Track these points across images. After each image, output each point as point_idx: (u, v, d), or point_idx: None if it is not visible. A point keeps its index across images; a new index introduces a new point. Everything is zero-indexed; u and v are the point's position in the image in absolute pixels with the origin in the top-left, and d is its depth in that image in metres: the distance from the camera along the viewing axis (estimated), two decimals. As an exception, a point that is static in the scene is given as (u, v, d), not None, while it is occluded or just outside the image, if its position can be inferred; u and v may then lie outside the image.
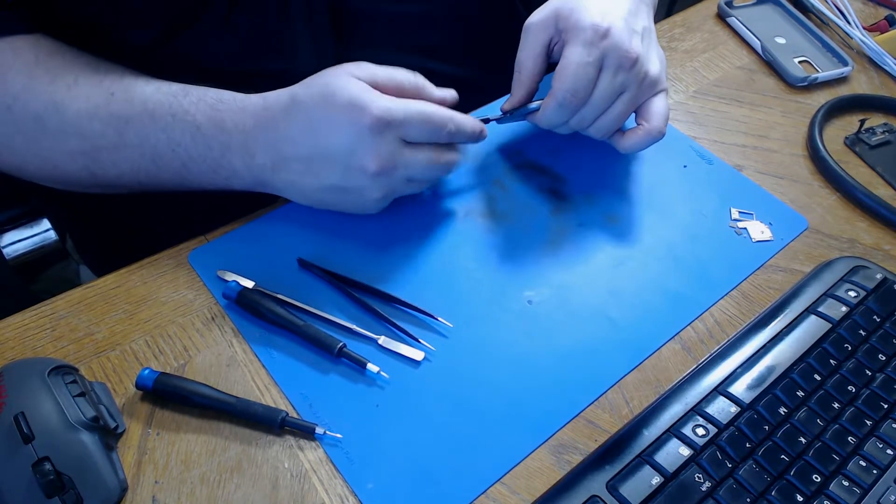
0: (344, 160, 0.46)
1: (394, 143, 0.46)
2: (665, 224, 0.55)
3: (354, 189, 0.47)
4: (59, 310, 0.47)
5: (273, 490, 0.40)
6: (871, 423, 0.43)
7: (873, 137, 0.62)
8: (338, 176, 0.46)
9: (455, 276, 0.50)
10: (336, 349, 0.44)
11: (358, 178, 0.46)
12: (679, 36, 0.72)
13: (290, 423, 0.42)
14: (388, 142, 0.45)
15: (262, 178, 0.48)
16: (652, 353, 0.47)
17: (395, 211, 0.53)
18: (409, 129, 0.46)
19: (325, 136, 0.45)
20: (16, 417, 0.37)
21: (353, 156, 0.45)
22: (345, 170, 0.46)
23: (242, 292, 0.46)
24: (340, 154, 0.45)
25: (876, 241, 0.55)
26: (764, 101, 0.66)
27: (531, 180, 0.57)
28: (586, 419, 0.44)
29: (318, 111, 0.45)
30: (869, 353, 0.47)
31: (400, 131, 0.46)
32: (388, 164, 0.46)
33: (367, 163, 0.45)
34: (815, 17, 0.76)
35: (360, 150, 0.45)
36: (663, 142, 0.53)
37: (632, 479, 0.40)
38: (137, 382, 0.42)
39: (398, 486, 0.40)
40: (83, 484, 0.37)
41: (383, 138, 0.45)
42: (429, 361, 0.46)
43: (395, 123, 0.45)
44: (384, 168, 0.46)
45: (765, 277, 0.52)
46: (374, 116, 0.44)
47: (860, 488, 0.40)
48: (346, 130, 0.45)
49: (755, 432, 0.42)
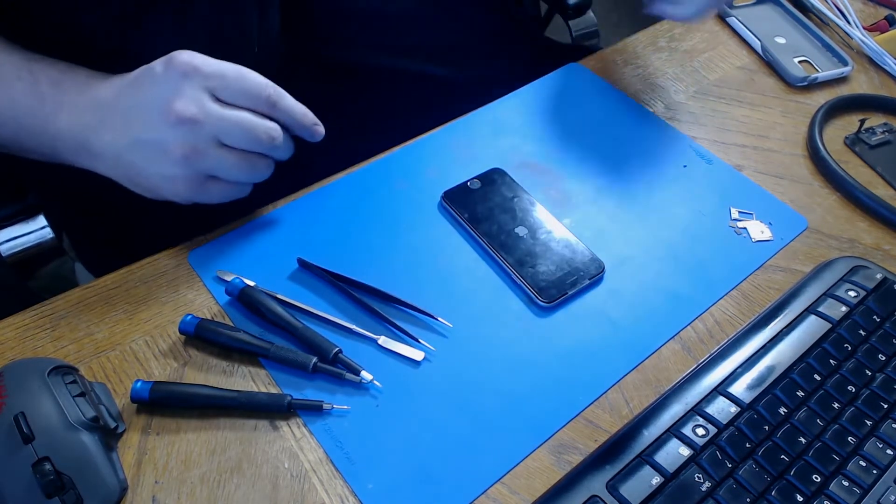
0: (151, 105, 0.44)
1: (200, 90, 0.44)
2: (665, 224, 0.55)
3: (155, 142, 0.44)
4: (58, 310, 0.47)
5: (273, 490, 0.40)
6: (871, 423, 0.43)
7: (873, 137, 0.62)
8: (142, 125, 0.44)
9: (455, 276, 0.50)
10: (332, 354, 0.44)
11: (160, 124, 0.44)
12: (679, 36, 0.72)
13: (296, 405, 0.42)
14: (195, 87, 0.44)
15: (82, 138, 0.46)
16: (652, 353, 0.47)
17: (395, 211, 0.54)
18: (220, 82, 0.44)
19: (145, 88, 0.45)
20: (16, 417, 0.37)
21: (158, 99, 0.44)
22: (150, 115, 0.44)
23: (244, 290, 0.46)
24: (150, 100, 0.44)
25: (876, 241, 0.55)
26: (764, 101, 0.66)
27: (531, 180, 0.57)
28: (586, 419, 0.44)
29: (147, 70, 0.45)
30: (869, 353, 0.47)
31: (209, 82, 0.44)
32: (192, 110, 0.43)
33: (170, 105, 0.43)
34: (815, 17, 0.76)
35: (166, 93, 0.44)
36: (663, 142, 0.53)
37: (632, 479, 0.40)
38: (132, 396, 0.41)
39: (398, 486, 0.40)
40: (83, 484, 0.37)
41: (190, 82, 0.44)
42: (429, 361, 0.46)
43: (204, 70, 0.44)
44: (186, 114, 0.43)
45: (765, 277, 0.52)
46: (183, 60, 0.44)
47: (860, 488, 0.40)
48: (161, 78, 0.44)
49: (755, 432, 0.42)
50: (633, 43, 0.71)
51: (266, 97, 0.45)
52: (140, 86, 0.45)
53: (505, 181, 0.56)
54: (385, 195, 0.55)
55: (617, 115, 0.63)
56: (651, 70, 0.68)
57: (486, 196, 0.55)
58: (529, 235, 0.52)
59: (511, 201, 0.54)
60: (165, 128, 0.44)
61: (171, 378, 0.44)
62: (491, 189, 0.55)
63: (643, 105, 0.64)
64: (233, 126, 0.44)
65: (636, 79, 0.67)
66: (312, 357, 0.44)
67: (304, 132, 0.48)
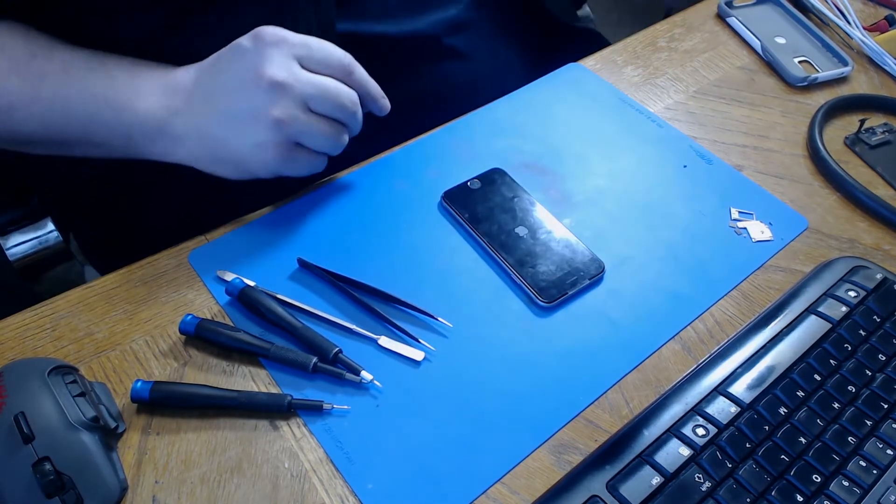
0: (240, 76, 0.45)
1: (289, 58, 0.45)
2: (665, 224, 0.55)
3: (247, 111, 0.45)
4: (59, 310, 0.47)
5: (273, 490, 0.40)
6: (871, 423, 0.43)
7: (873, 137, 0.62)
8: (233, 96, 0.46)
9: (455, 276, 0.50)
10: (332, 354, 0.44)
11: (251, 91, 0.45)
12: (679, 36, 0.72)
13: (297, 405, 0.42)
14: (283, 55, 0.45)
15: (163, 122, 0.47)
16: (652, 353, 0.47)
17: (395, 211, 0.54)
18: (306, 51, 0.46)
19: (232, 62, 0.46)
20: (16, 417, 0.37)
21: (247, 68, 0.45)
22: (240, 85, 0.45)
23: (244, 290, 0.46)
24: (238, 71, 0.46)
25: (876, 241, 0.55)
26: (764, 101, 0.66)
27: (531, 180, 0.57)
28: (586, 419, 0.44)
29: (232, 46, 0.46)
30: (869, 353, 0.47)
31: (296, 50, 0.46)
32: (283, 75, 0.45)
33: (261, 71, 0.44)
34: (815, 17, 0.76)
35: (256, 61, 0.45)
36: (663, 142, 0.53)
37: (632, 479, 0.40)
38: (132, 396, 0.41)
39: (398, 486, 0.40)
40: (83, 484, 0.37)
41: (278, 50, 0.45)
42: (429, 361, 0.46)
43: (291, 40, 0.45)
44: (278, 78, 0.44)
45: (765, 277, 0.52)
46: (271, 32, 0.45)
47: (860, 488, 0.40)
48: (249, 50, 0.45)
49: (755, 432, 0.42)
50: (633, 43, 0.71)
51: (346, 65, 0.47)
52: (225, 62, 0.46)
53: (505, 181, 0.56)
54: (385, 195, 0.55)
55: (617, 115, 0.63)
56: (651, 70, 0.68)
57: (486, 196, 0.55)
58: (529, 235, 0.52)
59: (511, 201, 0.54)
60: (257, 94, 0.45)
61: (171, 378, 0.44)
62: (491, 189, 0.55)
63: (643, 105, 0.64)
64: (321, 91, 0.46)
65: (636, 79, 0.67)
66: (312, 357, 0.44)
67: (373, 105, 0.50)
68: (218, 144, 0.47)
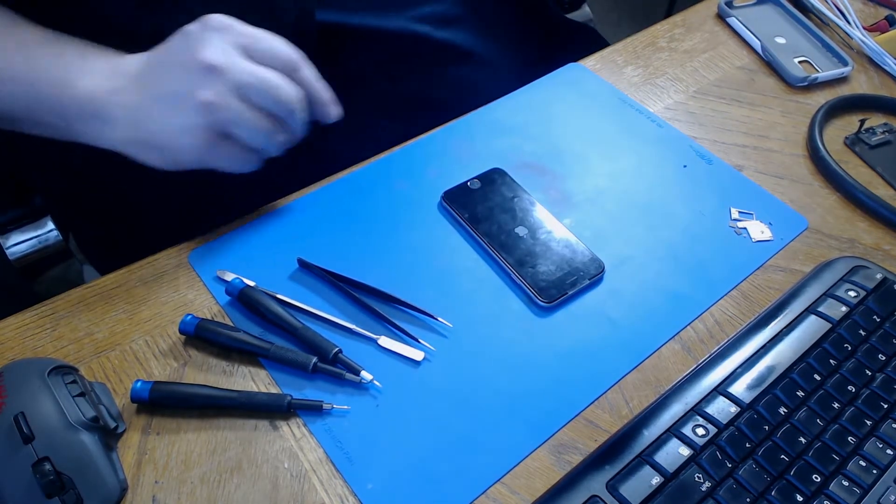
0: (177, 57, 0.45)
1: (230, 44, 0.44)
2: (665, 224, 0.55)
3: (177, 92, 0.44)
4: (59, 310, 0.47)
5: (273, 490, 0.40)
6: (871, 423, 0.43)
7: (873, 137, 0.62)
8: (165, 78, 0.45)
9: (455, 276, 0.50)
10: (332, 354, 0.44)
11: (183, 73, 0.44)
12: (679, 36, 0.72)
13: (296, 405, 0.42)
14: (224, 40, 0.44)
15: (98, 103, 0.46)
16: (652, 353, 0.47)
17: (395, 211, 0.54)
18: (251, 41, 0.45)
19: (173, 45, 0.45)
20: (16, 417, 0.37)
21: (185, 50, 0.44)
22: (174, 66, 0.44)
23: (244, 290, 0.46)
24: (176, 53, 0.45)
25: (876, 241, 0.55)
26: (764, 101, 0.66)
27: (531, 180, 0.57)
28: (586, 419, 0.44)
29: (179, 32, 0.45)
30: (869, 353, 0.47)
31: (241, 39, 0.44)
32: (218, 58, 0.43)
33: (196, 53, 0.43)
34: (815, 17, 0.76)
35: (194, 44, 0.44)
36: (663, 142, 0.53)
37: (632, 479, 0.40)
38: (132, 396, 0.41)
39: (398, 486, 0.40)
40: (83, 484, 0.37)
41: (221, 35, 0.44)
42: (429, 361, 0.46)
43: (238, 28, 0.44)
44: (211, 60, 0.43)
45: (765, 277, 0.52)
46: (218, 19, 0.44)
47: (860, 488, 0.40)
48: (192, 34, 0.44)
49: (755, 432, 0.42)
50: (633, 43, 0.71)
51: (293, 61, 0.45)
52: (168, 46, 0.45)
53: (505, 181, 0.56)
54: (385, 195, 0.55)
55: (617, 115, 0.63)
56: (651, 70, 0.68)
57: (486, 196, 0.55)
58: (529, 235, 0.52)
59: (511, 201, 0.54)
60: (188, 76, 0.43)
61: (171, 378, 0.44)
62: (491, 189, 0.55)
63: (643, 105, 0.64)
64: (257, 80, 0.44)
65: (636, 79, 0.67)
66: (312, 357, 0.44)
67: (319, 110, 0.48)
68: (145, 127, 0.46)
